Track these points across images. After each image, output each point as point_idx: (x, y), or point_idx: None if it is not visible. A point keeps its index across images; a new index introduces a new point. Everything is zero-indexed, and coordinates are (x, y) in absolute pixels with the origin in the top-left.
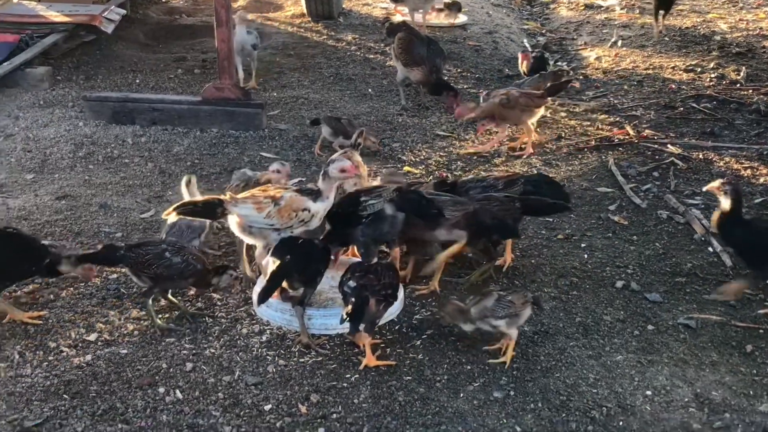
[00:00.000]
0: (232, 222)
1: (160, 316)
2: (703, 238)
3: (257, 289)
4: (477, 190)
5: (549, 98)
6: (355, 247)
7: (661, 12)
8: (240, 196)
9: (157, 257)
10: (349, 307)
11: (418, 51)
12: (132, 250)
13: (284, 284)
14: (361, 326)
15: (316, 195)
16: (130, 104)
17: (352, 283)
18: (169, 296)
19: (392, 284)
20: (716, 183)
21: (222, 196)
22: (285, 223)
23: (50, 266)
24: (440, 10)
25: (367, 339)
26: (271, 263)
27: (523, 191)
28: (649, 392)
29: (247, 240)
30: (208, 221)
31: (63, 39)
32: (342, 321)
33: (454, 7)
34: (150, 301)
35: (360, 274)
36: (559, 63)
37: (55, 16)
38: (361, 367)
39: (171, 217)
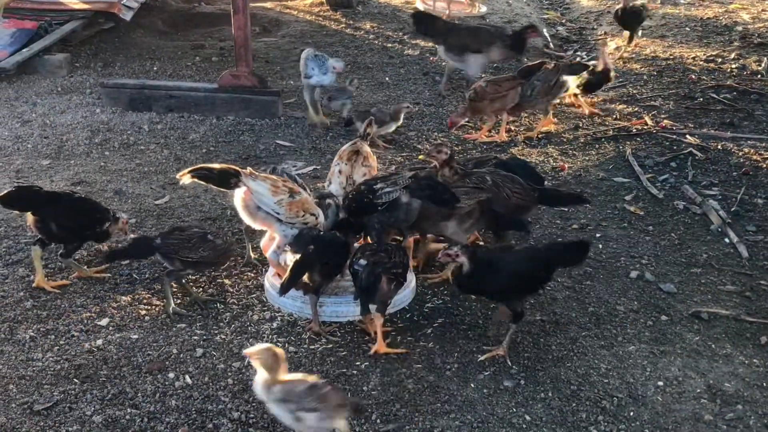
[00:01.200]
0: (238, 198)
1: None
2: (719, 229)
3: (269, 275)
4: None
5: (522, 80)
6: (368, 235)
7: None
8: (261, 175)
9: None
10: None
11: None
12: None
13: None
14: (373, 307)
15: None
16: (147, 91)
17: (363, 261)
18: (183, 282)
19: (403, 263)
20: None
21: (240, 168)
22: (289, 217)
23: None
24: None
25: (379, 321)
26: (290, 256)
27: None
28: (660, 383)
29: (247, 220)
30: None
31: (82, 26)
32: (355, 298)
33: None
34: (169, 285)
35: (370, 252)
36: (579, 53)
37: (74, 3)
38: (371, 353)
39: (185, 179)
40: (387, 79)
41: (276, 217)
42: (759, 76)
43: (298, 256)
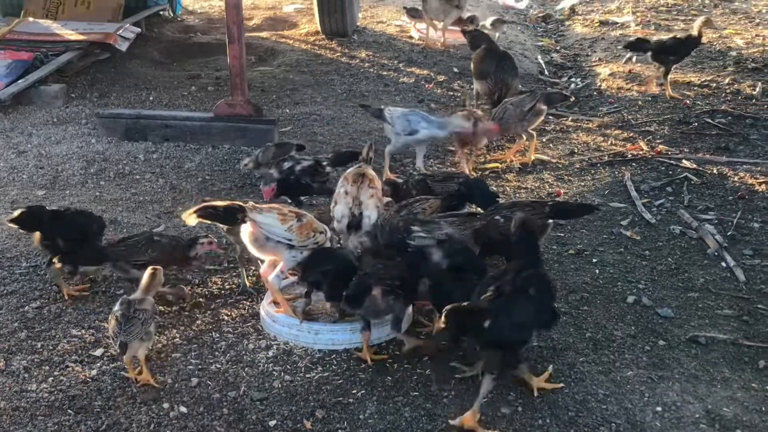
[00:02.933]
0: (245, 233)
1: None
2: (716, 254)
3: (264, 304)
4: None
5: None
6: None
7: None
8: (263, 206)
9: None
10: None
11: (487, 65)
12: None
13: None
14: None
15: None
16: (142, 121)
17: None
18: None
19: (402, 277)
20: None
21: (244, 203)
22: (302, 241)
23: None
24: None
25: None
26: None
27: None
28: (659, 408)
29: (257, 253)
30: None
31: (78, 57)
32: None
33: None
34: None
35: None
36: (573, 79)
37: (70, 34)
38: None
39: (191, 219)
40: (382, 106)
41: (288, 244)
42: (753, 100)
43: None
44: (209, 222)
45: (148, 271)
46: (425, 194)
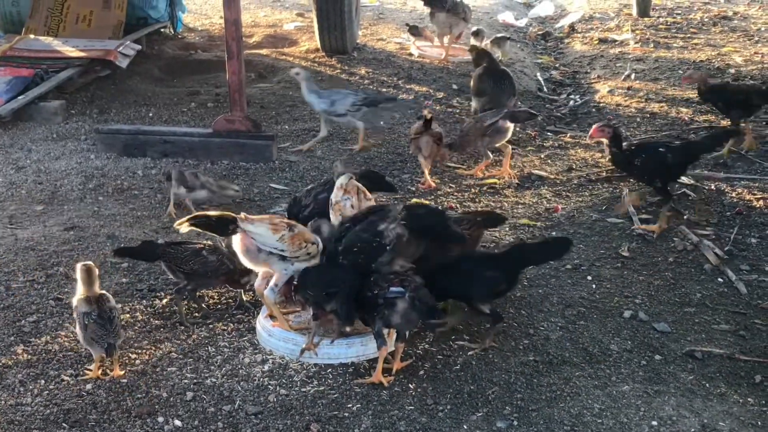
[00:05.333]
0: (236, 243)
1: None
2: (719, 269)
3: (261, 318)
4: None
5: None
6: None
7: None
8: (255, 217)
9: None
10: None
11: (485, 84)
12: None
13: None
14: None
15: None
16: (141, 137)
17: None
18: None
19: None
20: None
21: (236, 214)
22: (294, 251)
23: None
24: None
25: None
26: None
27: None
28: (655, 422)
29: (248, 263)
30: None
31: (78, 73)
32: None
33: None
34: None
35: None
36: (572, 96)
37: (70, 51)
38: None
39: (183, 227)
40: (381, 122)
41: (280, 255)
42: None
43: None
44: (202, 231)
45: (80, 267)
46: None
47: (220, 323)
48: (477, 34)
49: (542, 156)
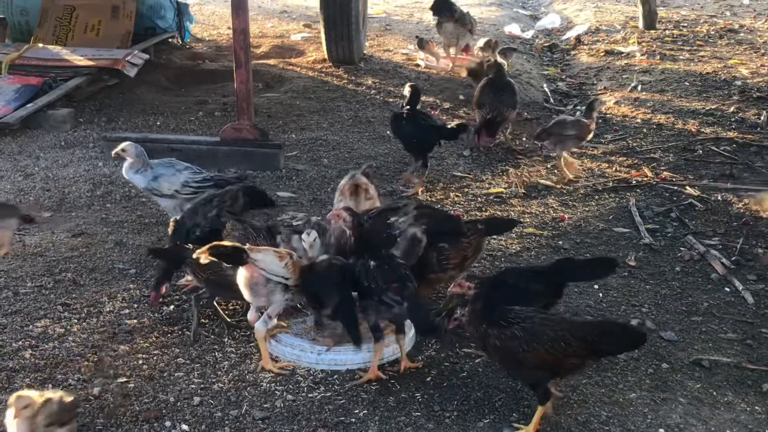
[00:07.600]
0: (242, 276)
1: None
2: (726, 278)
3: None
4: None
5: None
6: None
7: None
8: (258, 247)
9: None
10: None
11: (486, 95)
12: None
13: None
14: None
15: None
16: (148, 144)
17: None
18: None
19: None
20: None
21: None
22: (295, 280)
23: None
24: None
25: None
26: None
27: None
28: (662, 430)
29: (249, 297)
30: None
31: (86, 82)
32: None
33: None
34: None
35: None
36: (578, 107)
37: (78, 60)
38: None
39: (203, 257)
40: (388, 132)
41: (284, 284)
42: (758, 129)
43: None
44: (218, 261)
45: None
46: None
47: (227, 329)
48: (488, 44)
49: (548, 166)
